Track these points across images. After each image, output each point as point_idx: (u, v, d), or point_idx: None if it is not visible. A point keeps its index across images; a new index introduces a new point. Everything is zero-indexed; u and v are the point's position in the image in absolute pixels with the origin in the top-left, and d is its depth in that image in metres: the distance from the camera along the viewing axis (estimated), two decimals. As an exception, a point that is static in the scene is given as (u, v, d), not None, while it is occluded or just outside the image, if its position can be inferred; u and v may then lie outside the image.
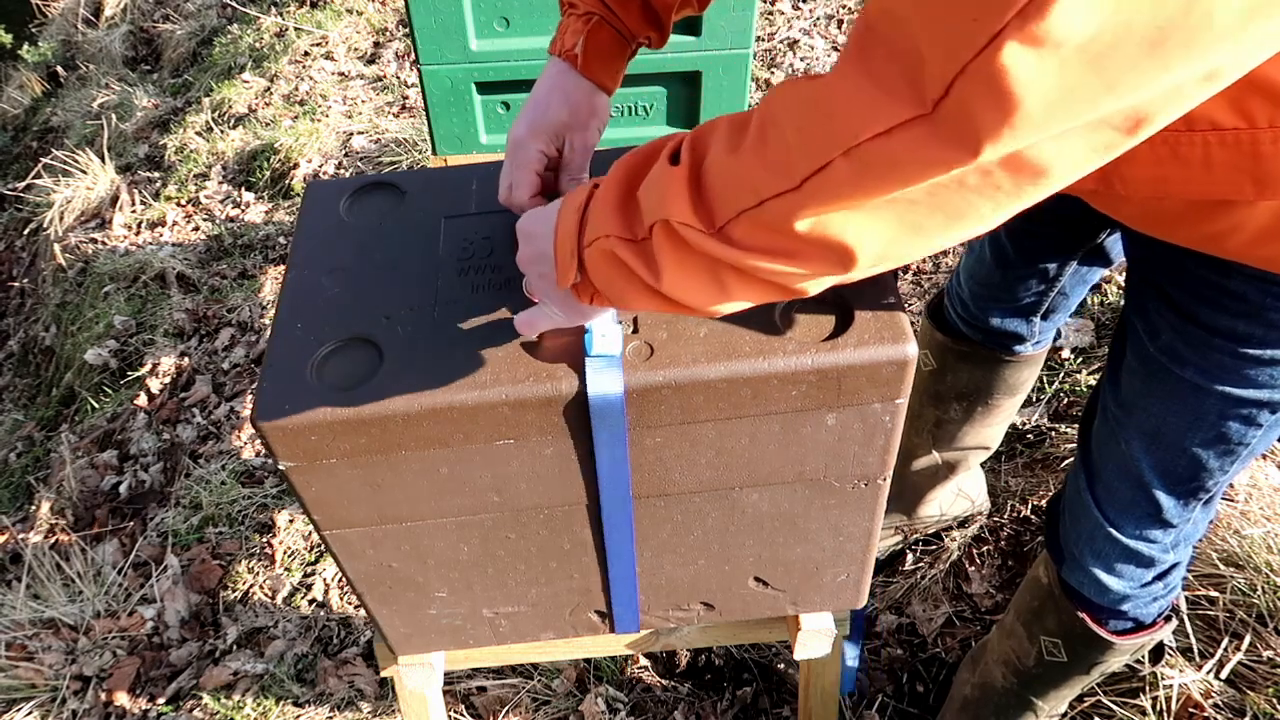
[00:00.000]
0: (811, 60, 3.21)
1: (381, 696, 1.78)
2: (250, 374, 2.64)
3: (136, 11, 5.30)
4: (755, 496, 0.96)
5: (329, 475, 0.88)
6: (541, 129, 0.93)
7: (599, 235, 0.69)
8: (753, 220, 0.60)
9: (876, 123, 0.51)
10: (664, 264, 0.66)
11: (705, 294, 0.67)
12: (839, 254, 0.59)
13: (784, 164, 0.57)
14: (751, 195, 0.59)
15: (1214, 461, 0.97)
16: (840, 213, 0.56)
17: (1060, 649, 1.24)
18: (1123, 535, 1.07)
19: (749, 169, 0.59)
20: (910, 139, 0.50)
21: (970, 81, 0.47)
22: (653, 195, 0.66)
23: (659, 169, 0.66)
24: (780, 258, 0.61)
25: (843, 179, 0.54)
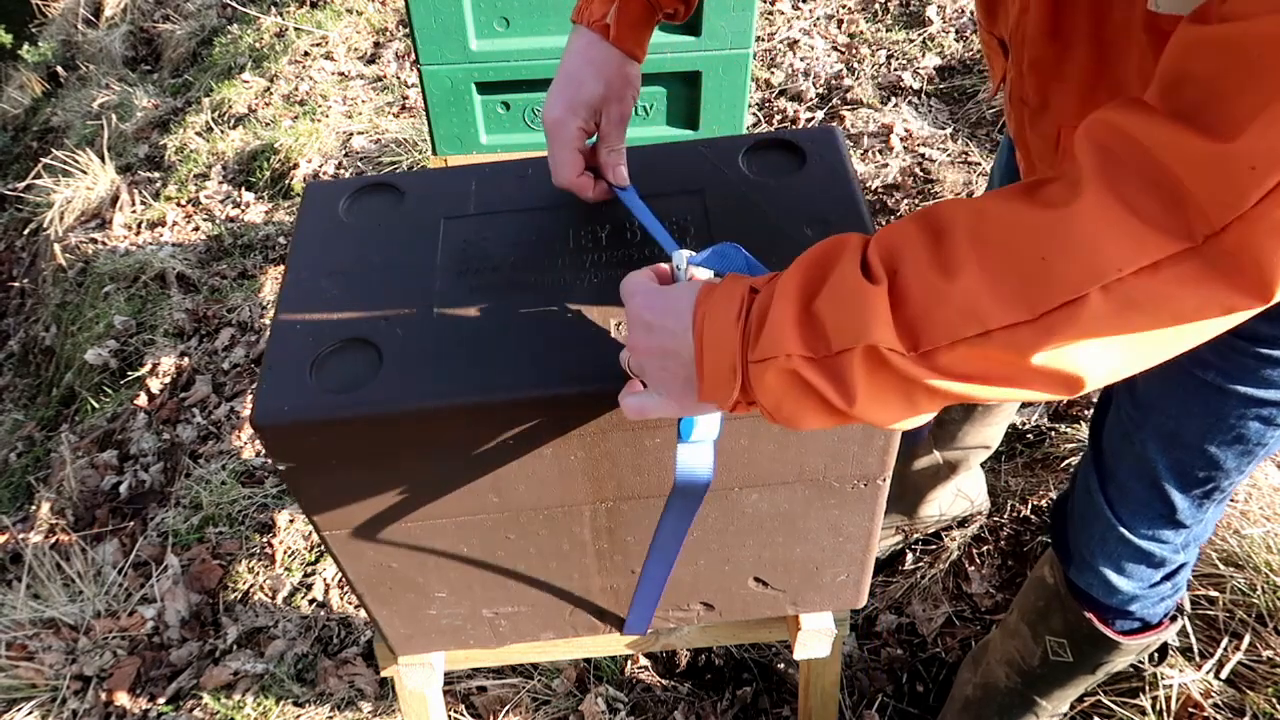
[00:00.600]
0: (811, 60, 3.21)
1: (381, 696, 1.78)
2: (250, 374, 2.64)
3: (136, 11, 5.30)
4: (755, 496, 0.96)
5: (329, 476, 0.88)
6: (579, 105, 0.92)
7: (777, 354, 0.63)
8: (971, 349, 0.55)
9: (1140, 255, 0.48)
10: (858, 387, 0.60)
11: (893, 414, 0.62)
12: (1067, 383, 0.55)
13: (1019, 294, 0.53)
14: (974, 325, 0.54)
15: (1231, 462, 0.96)
16: (1079, 344, 0.53)
17: (1066, 649, 1.24)
18: (1135, 536, 1.07)
19: (969, 293, 0.54)
20: (1180, 275, 0.48)
21: (1253, 226, 0.46)
22: (847, 313, 0.60)
23: (851, 281, 0.60)
24: (993, 383, 0.57)
25: (1097, 315, 0.51)
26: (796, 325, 0.62)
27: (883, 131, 2.82)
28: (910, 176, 2.64)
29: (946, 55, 3.12)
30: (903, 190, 2.61)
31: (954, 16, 3.26)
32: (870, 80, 3.07)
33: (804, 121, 2.98)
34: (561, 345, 0.85)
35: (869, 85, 3.04)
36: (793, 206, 0.95)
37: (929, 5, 3.31)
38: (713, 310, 0.67)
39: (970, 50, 3.11)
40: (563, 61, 0.94)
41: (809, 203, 0.95)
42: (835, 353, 0.60)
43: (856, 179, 0.98)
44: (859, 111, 2.93)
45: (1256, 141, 0.45)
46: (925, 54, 3.13)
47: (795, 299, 0.63)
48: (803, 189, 0.97)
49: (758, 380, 0.65)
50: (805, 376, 0.62)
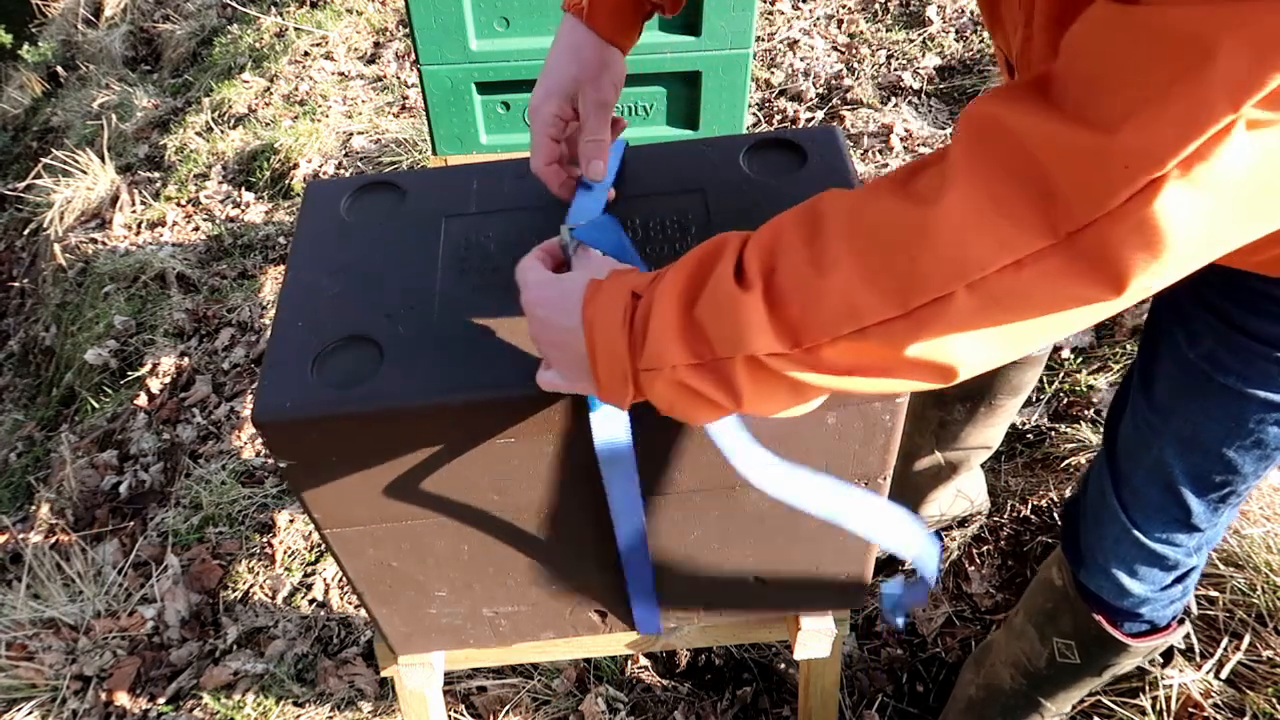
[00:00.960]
0: (811, 60, 3.21)
1: (381, 696, 1.78)
2: (250, 374, 2.64)
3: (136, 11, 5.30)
4: (755, 495, 0.96)
5: (329, 474, 0.88)
6: (554, 89, 0.90)
7: (663, 365, 0.64)
8: (849, 344, 0.57)
9: (1003, 255, 0.49)
10: (744, 390, 0.62)
11: (782, 404, 0.64)
12: (941, 372, 0.57)
13: (891, 290, 0.54)
14: (849, 320, 0.56)
15: (1249, 466, 0.96)
16: (950, 337, 0.54)
17: (1073, 651, 1.23)
18: (1148, 539, 1.07)
19: (844, 291, 0.55)
20: (1043, 272, 0.49)
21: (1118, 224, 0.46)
22: (724, 322, 0.61)
23: (725, 288, 0.61)
24: (873, 374, 0.58)
25: (964, 311, 0.52)
26: (679, 334, 0.63)
27: (883, 131, 2.83)
28: (910, 177, 2.64)
29: (946, 55, 3.12)
30: (903, 190, 2.60)
31: (954, 16, 3.26)
32: (870, 80, 3.07)
33: (804, 121, 2.98)
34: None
35: (869, 85, 3.04)
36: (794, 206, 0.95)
37: (929, 5, 3.31)
38: (599, 315, 0.68)
39: (970, 50, 3.11)
40: (550, 49, 0.93)
41: (810, 202, 0.95)
42: (718, 358, 0.62)
43: (857, 179, 0.98)
44: (859, 111, 2.93)
45: (1133, 137, 0.44)
46: (925, 54, 3.13)
47: (676, 306, 0.64)
48: (803, 188, 0.97)
49: (649, 387, 0.67)
50: (691, 385, 0.64)
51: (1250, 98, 0.42)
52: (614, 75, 0.92)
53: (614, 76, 0.92)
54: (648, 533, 1.00)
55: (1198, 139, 0.43)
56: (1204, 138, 0.43)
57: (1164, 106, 0.44)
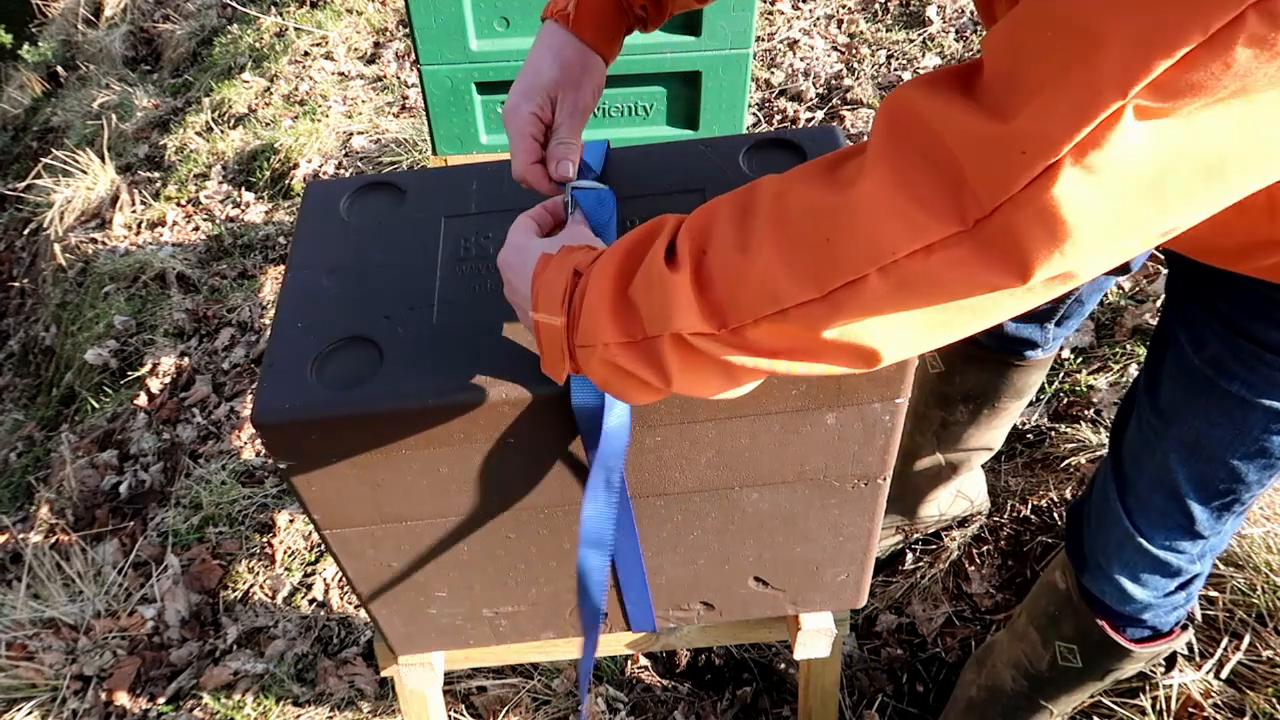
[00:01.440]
0: (811, 60, 3.21)
1: (381, 696, 1.78)
2: (250, 374, 2.64)
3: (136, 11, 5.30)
4: (755, 496, 0.96)
5: (329, 474, 0.88)
6: (533, 90, 0.89)
7: (594, 343, 0.66)
8: (772, 325, 0.58)
9: (913, 239, 0.50)
10: (672, 369, 0.63)
11: (715, 386, 0.65)
12: (863, 355, 0.57)
13: (809, 273, 0.55)
14: (770, 302, 0.57)
15: (1253, 475, 0.96)
16: (868, 320, 0.55)
17: (1076, 655, 1.23)
18: (1152, 545, 1.06)
19: (766, 273, 0.57)
20: (951, 258, 0.49)
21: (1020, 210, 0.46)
22: (654, 302, 0.63)
23: (656, 270, 0.63)
24: (798, 357, 0.59)
25: (877, 294, 0.53)
26: (612, 312, 0.65)
27: (883, 132, 2.82)
28: (910, 177, 2.64)
29: (946, 55, 3.12)
30: (903, 190, 2.60)
31: (954, 16, 3.26)
32: (870, 80, 3.07)
33: (804, 121, 2.98)
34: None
35: (869, 85, 3.04)
36: None
37: (929, 5, 3.31)
38: (543, 289, 0.71)
39: (970, 50, 3.11)
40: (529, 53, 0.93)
41: (809, 202, 0.95)
42: (648, 336, 0.64)
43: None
44: (859, 111, 2.93)
45: (1029, 124, 0.45)
46: (925, 54, 3.13)
47: (610, 286, 0.66)
48: (803, 188, 0.97)
49: (584, 363, 0.69)
50: (621, 363, 0.65)
51: (1137, 84, 0.42)
52: (594, 82, 0.92)
53: (594, 83, 0.92)
54: (647, 535, 1.00)
55: (1088, 125, 0.43)
56: (1094, 124, 0.43)
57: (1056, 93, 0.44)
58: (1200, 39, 0.40)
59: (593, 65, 0.91)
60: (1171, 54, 0.41)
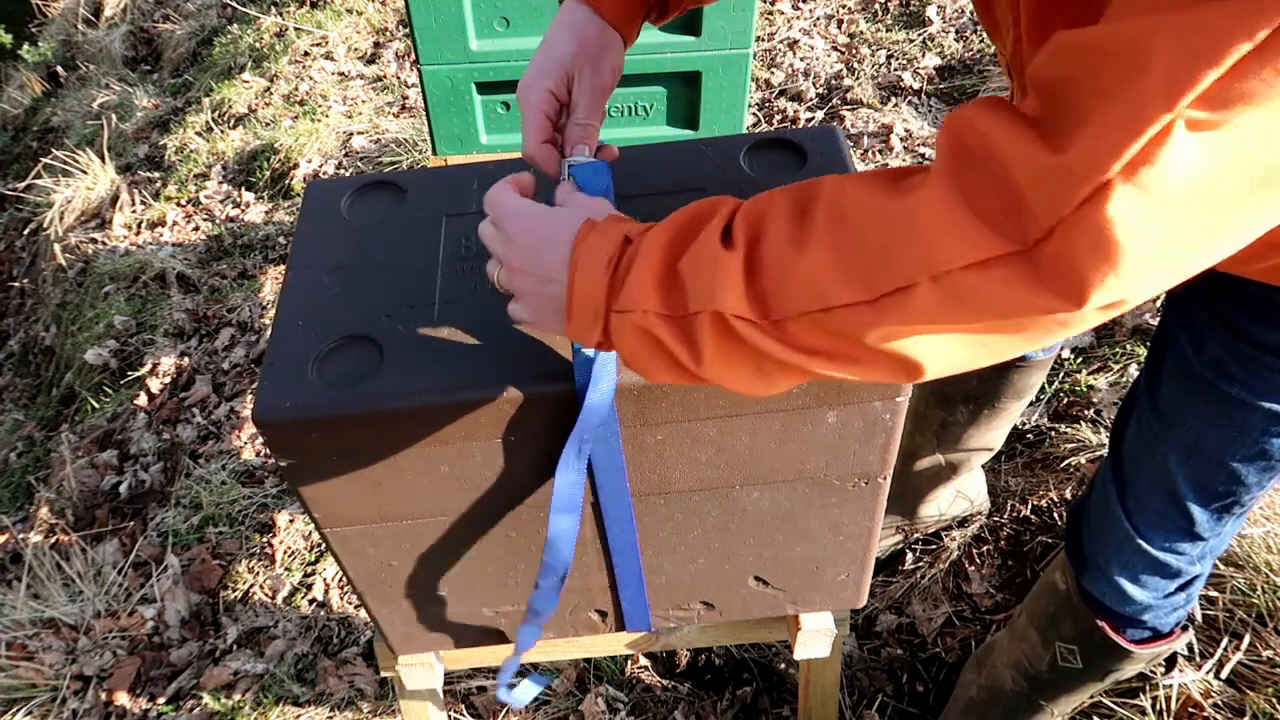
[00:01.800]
0: (811, 60, 3.21)
1: (381, 696, 1.78)
2: (250, 374, 2.64)
3: (136, 11, 5.30)
4: (755, 495, 0.96)
5: (330, 473, 0.88)
6: (549, 66, 0.87)
7: (635, 308, 0.65)
8: (815, 323, 0.57)
9: (971, 252, 0.49)
10: (706, 350, 0.62)
11: (746, 381, 0.64)
12: (906, 368, 0.57)
13: (860, 275, 0.54)
14: (817, 299, 0.56)
15: (1253, 477, 0.95)
16: (913, 331, 0.54)
17: (1075, 655, 1.23)
18: (1151, 547, 1.06)
19: (817, 270, 0.56)
20: (1007, 276, 0.49)
21: (1073, 230, 0.46)
22: (702, 278, 0.62)
23: (709, 246, 0.62)
24: (839, 363, 0.58)
25: (927, 304, 0.52)
26: (657, 282, 0.64)
27: (883, 131, 2.83)
28: (910, 177, 2.64)
29: (946, 55, 3.12)
30: (903, 190, 2.60)
31: (954, 16, 3.26)
32: (870, 80, 3.07)
33: (804, 121, 2.98)
34: (563, 342, 0.85)
35: (869, 85, 3.04)
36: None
37: (929, 5, 3.31)
38: (588, 251, 0.68)
39: (970, 50, 3.11)
40: None
41: (810, 201, 0.95)
42: (689, 313, 0.62)
43: (857, 178, 0.98)
44: (859, 111, 2.93)
45: (1080, 146, 0.45)
46: (925, 54, 3.13)
47: (661, 256, 0.64)
48: (803, 188, 0.97)
49: (617, 329, 0.67)
50: (657, 334, 0.64)
51: (1185, 96, 0.42)
52: (613, 60, 0.89)
53: (613, 61, 0.88)
54: (648, 534, 1.00)
55: (1137, 141, 0.43)
56: (1143, 140, 0.43)
57: (1104, 114, 0.44)
58: (1249, 46, 0.40)
59: (612, 43, 0.88)
60: (1219, 63, 0.41)
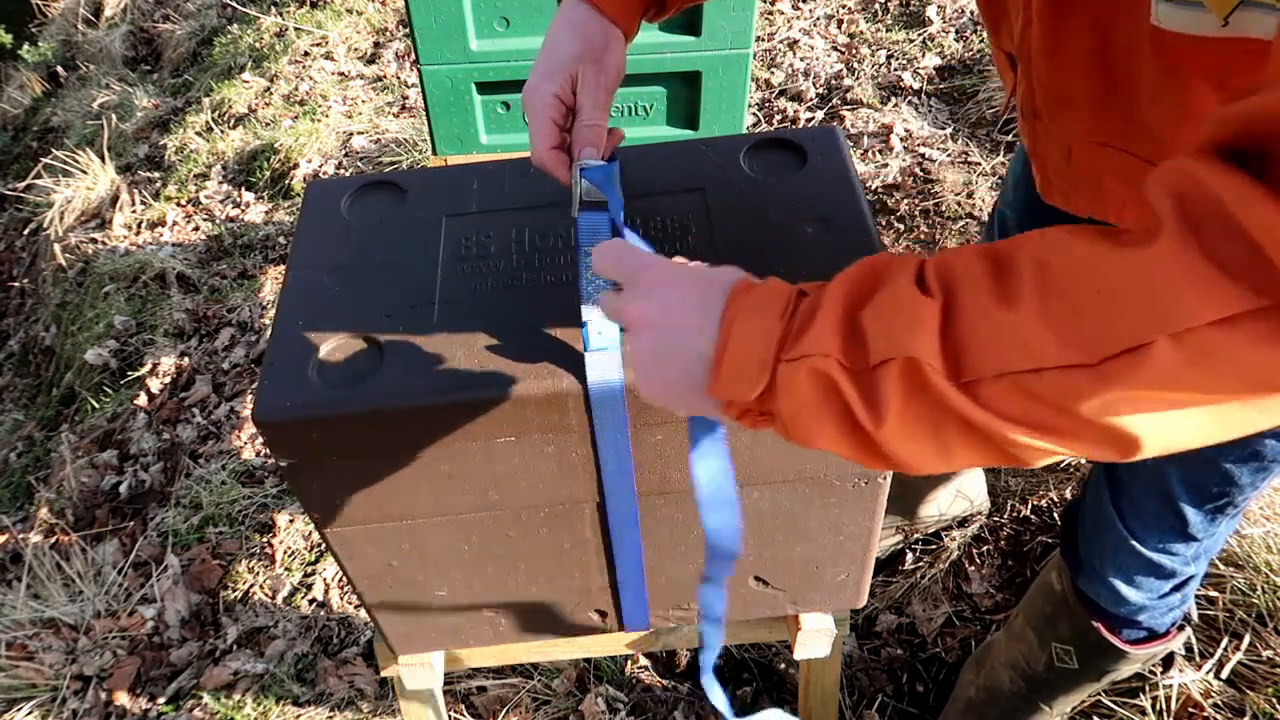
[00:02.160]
0: (811, 60, 3.21)
1: (381, 696, 1.78)
2: (250, 374, 2.64)
3: (136, 11, 5.30)
4: (755, 495, 0.96)
5: (329, 473, 0.88)
6: (554, 69, 0.84)
7: (812, 352, 0.57)
8: (1017, 386, 0.50)
9: (1217, 307, 0.44)
10: (890, 407, 0.55)
11: (921, 452, 0.56)
12: (1120, 444, 0.50)
13: (1078, 335, 0.48)
14: (1025, 358, 0.50)
15: (1246, 478, 0.95)
16: (1138, 400, 0.48)
17: (1072, 656, 1.23)
18: (1145, 548, 1.06)
19: (1027, 329, 0.50)
20: (1260, 333, 0.44)
21: None
22: (893, 325, 0.55)
23: (902, 293, 0.55)
24: (1040, 433, 0.52)
25: (1162, 367, 0.46)
26: (839, 331, 0.57)
27: (883, 131, 2.83)
28: (910, 176, 2.64)
29: (946, 55, 3.12)
30: (903, 190, 2.61)
31: (954, 16, 3.26)
32: (870, 80, 3.07)
33: (804, 121, 2.98)
34: (563, 342, 0.85)
35: (869, 85, 3.04)
36: (794, 205, 0.95)
37: (929, 5, 3.31)
38: (752, 304, 0.62)
39: (970, 50, 3.11)
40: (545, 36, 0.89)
41: (810, 201, 0.96)
42: (873, 365, 0.55)
43: (857, 178, 0.98)
44: (859, 111, 2.93)
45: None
46: (925, 54, 3.13)
47: (840, 306, 0.58)
48: (804, 188, 0.97)
49: (786, 380, 0.59)
50: (837, 382, 0.57)
51: None
52: (617, 58, 0.87)
53: (617, 59, 0.87)
54: (649, 534, 1.00)
55: None
56: None
57: None
58: None
59: (615, 40, 0.86)
60: None
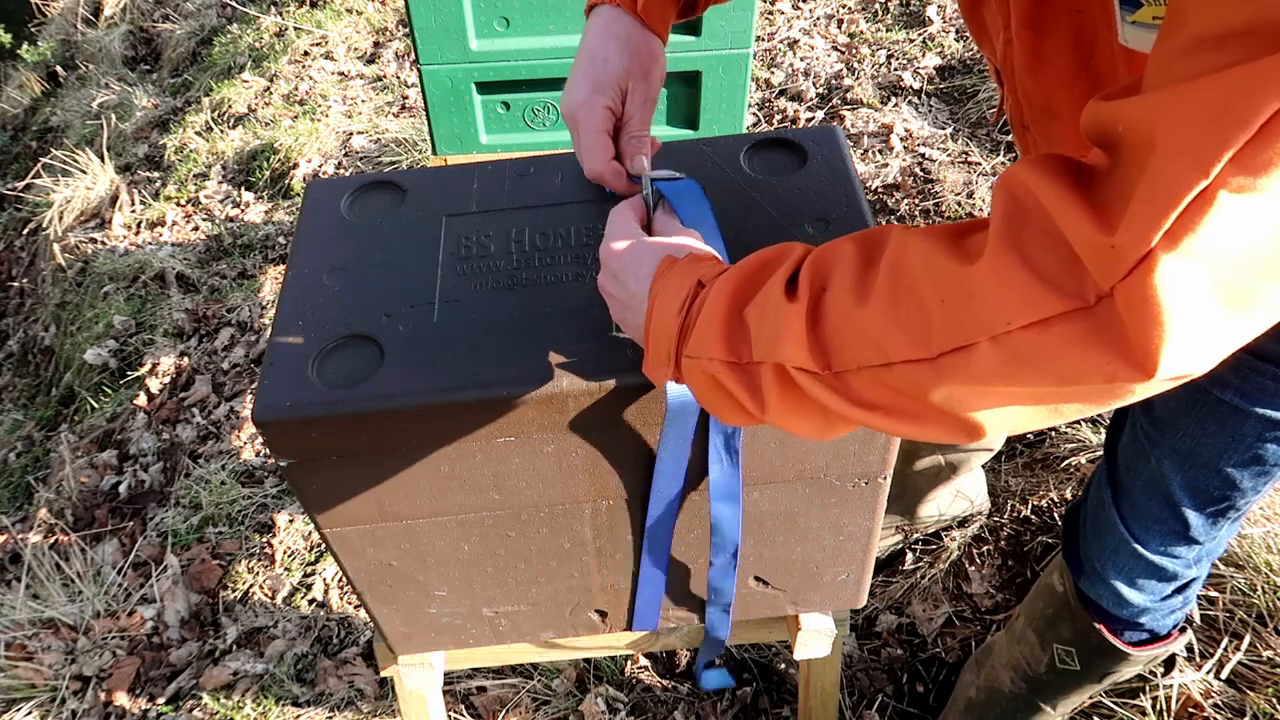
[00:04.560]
0: (811, 60, 3.21)
1: (381, 696, 1.77)
2: (250, 374, 2.64)
3: (136, 11, 5.30)
4: (756, 495, 0.96)
5: (329, 473, 0.88)
6: (604, 83, 0.87)
7: (701, 355, 0.66)
8: (875, 378, 0.57)
9: (1031, 311, 0.49)
10: (770, 399, 0.63)
11: (809, 427, 0.64)
12: (965, 428, 0.56)
13: (920, 331, 0.54)
14: (878, 353, 0.56)
15: (1247, 482, 0.95)
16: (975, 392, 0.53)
17: (1074, 657, 1.23)
18: (1147, 551, 1.06)
19: (878, 325, 0.56)
20: (1069, 335, 0.48)
21: (1128, 296, 0.45)
22: (766, 328, 0.62)
23: (774, 296, 0.62)
24: (898, 419, 0.58)
25: (986, 364, 0.52)
26: (724, 329, 0.65)
27: (883, 131, 2.83)
28: (910, 176, 2.64)
29: (946, 55, 3.12)
30: (903, 190, 2.61)
31: (954, 16, 3.26)
32: (870, 80, 3.07)
33: (804, 121, 2.98)
34: (562, 342, 0.85)
35: (869, 85, 3.04)
36: (794, 205, 0.95)
37: (929, 5, 3.31)
38: (663, 294, 0.70)
39: (970, 50, 3.11)
40: (582, 43, 0.90)
41: (810, 201, 0.96)
42: (753, 362, 0.63)
43: (857, 178, 0.98)
44: (859, 111, 2.93)
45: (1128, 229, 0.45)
46: (925, 54, 3.13)
47: (728, 302, 0.65)
48: (804, 188, 0.97)
49: (688, 372, 0.69)
50: (723, 381, 0.65)
51: (1218, 162, 0.42)
52: (660, 70, 0.90)
53: (661, 70, 0.90)
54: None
55: (1174, 211, 0.43)
56: (1179, 209, 0.43)
57: (1144, 187, 0.44)
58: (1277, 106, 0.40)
59: (659, 52, 0.90)
60: (1249, 126, 0.41)
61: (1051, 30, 0.76)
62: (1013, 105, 0.88)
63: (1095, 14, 0.72)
